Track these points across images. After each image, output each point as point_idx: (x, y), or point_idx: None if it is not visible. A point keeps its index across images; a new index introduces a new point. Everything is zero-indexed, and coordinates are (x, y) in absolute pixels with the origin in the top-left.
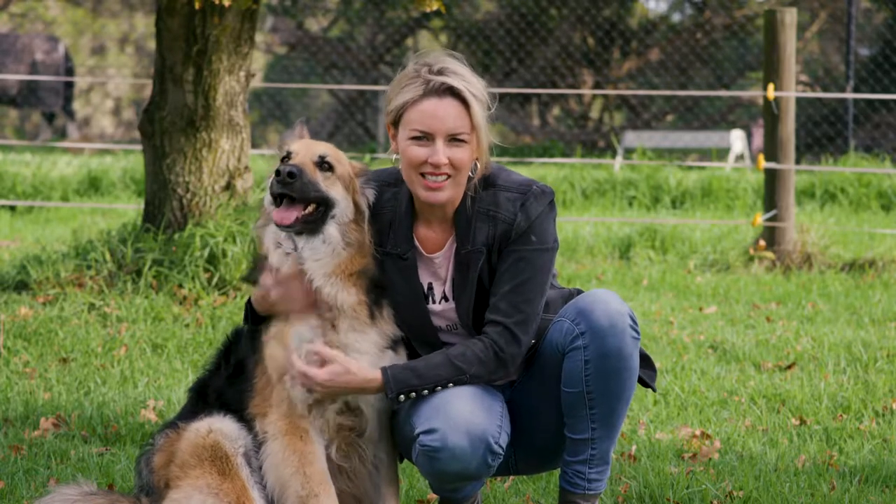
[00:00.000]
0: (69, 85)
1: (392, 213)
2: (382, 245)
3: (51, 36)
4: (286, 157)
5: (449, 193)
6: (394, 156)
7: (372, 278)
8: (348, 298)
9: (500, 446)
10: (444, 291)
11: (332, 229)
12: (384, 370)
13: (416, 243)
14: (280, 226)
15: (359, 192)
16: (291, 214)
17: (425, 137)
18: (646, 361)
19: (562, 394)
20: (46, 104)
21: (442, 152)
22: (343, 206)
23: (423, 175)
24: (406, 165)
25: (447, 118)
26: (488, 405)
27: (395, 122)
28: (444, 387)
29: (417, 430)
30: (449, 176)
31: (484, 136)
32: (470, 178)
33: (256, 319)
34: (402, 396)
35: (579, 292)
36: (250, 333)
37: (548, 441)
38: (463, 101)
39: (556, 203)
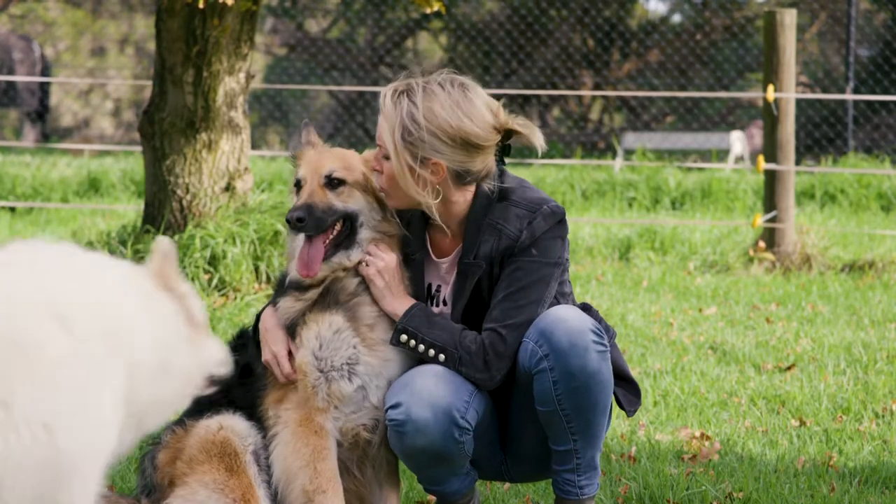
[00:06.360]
0: (43, 85)
1: (409, 214)
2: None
3: (25, 36)
4: (297, 184)
5: (392, 203)
6: None
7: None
8: None
9: (467, 421)
10: (444, 297)
11: (364, 234)
12: (416, 303)
13: (428, 245)
14: (309, 277)
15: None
16: (316, 261)
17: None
18: (629, 384)
19: (538, 412)
20: (24, 104)
21: (374, 159)
22: (367, 211)
23: None
24: None
25: (379, 131)
26: (457, 382)
27: None
28: (436, 353)
29: (385, 406)
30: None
31: (401, 159)
32: (482, 191)
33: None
34: (403, 336)
35: (586, 307)
36: (257, 344)
37: (536, 450)
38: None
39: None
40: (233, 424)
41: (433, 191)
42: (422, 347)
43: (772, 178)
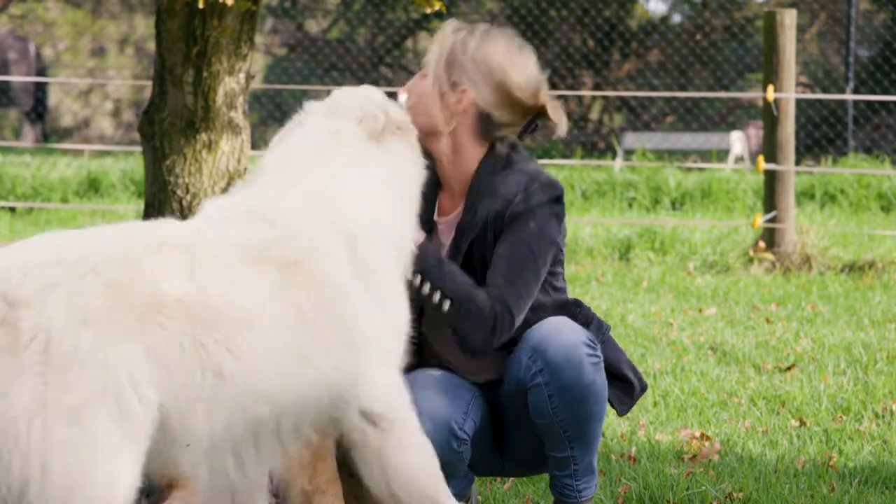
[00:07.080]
0: (40, 85)
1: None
2: None
3: (22, 36)
4: None
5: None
6: None
7: None
8: None
9: (465, 432)
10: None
11: None
12: (429, 240)
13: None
14: None
15: None
16: None
17: None
18: (622, 383)
19: (534, 423)
20: (21, 104)
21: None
22: None
23: None
24: None
25: (428, 54)
26: (455, 394)
27: None
28: (443, 299)
29: None
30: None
31: (438, 74)
32: (492, 156)
33: None
34: (418, 276)
35: (577, 303)
36: None
37: (533, 452)
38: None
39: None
40: None
41: (449, 118)
42: (427, 288)
43: (772, 179)
